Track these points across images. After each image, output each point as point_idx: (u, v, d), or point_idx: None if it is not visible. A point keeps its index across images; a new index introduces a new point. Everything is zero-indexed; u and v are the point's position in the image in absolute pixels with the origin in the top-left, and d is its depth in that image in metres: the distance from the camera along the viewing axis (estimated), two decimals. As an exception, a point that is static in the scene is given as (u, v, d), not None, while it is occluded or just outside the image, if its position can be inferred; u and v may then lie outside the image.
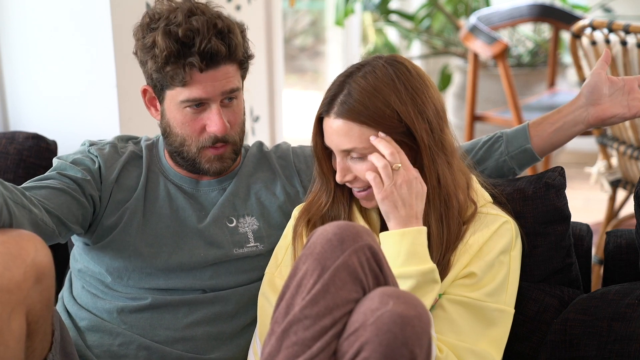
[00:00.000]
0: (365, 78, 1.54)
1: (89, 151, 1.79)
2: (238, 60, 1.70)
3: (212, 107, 1.70)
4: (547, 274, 1.73)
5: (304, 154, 1.88)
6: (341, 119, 1.54)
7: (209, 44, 1.64)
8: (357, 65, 1.58)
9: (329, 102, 1.57)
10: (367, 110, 1.53)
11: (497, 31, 3.74)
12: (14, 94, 2.37)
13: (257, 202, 1.81)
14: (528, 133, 1.77)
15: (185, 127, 1.71)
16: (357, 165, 1.58)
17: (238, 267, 1.76)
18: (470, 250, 1.57)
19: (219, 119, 1.69)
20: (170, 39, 1.64)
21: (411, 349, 1.25)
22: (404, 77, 1.54)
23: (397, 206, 1.53)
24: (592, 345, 1.62)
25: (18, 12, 2.30)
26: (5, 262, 1.32)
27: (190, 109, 1.70)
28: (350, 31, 4.70)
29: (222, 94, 1.69)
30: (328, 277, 1.32)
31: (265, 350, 1.33)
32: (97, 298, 1.76)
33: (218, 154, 1.74)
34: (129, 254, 1.73)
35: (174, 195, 1.79)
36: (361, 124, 1.54)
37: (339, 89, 1.56)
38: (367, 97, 1.53)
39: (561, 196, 1.74)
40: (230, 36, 1.67)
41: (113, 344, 1.71)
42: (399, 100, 1.53)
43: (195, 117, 1.70)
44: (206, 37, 1.63)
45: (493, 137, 1.82)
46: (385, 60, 1.57)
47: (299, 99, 5.58)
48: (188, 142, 1.73)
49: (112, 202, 1.75)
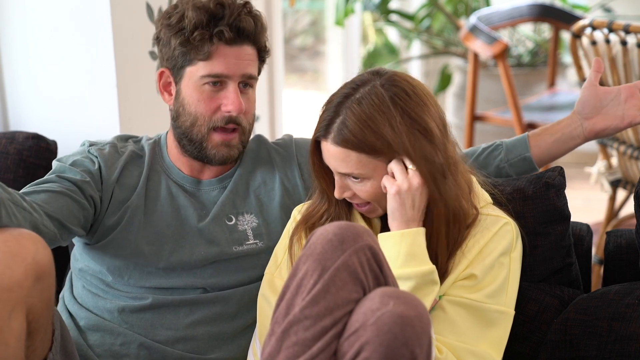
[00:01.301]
0: (360, 104, 1.51)
1: (89, 151, 1.79)
2: (260, 46, 1.74)
3: (229, 86, 1.71)
4: (547, 273, 1.73)
5: (307, 148, 1.87)
6: (339, 146, 1.53)
7: (239, 18, 1.69)
8: (353, 86, 1.55)
9: (325, 126, 1.55)
10: (361, 142, 1.51)
11: (497, 31, 3.74)
12: (14, 94, 2.36)
13: (256, 199, 1.81)
14: (528, 143, 1.78)
15: (201, 104, 1.72)
16: (356, 185, 1.57)
17: (238, 265, 1.76)
18: (471, 252, 1.57)
19: (235, 97, 1.71)
20: (200, 10, 1.69)
21: (411, 349, 1.25)
22: (402, 102, 1.51)
23: (406, 205, 1.53)
24: (592, 345, 1.62)
25: (18, 12, 2.30)
26: (6, 261, 1.32)
27: (209, 86, 1.71)
28: (350, 31, 4.70)
29: (242, 76, 1.72)
30: (328, 278, 1.32)
31: (266, 350, 1.33)
32: (98, 297, 1.76)
33: (227, 140, 1.74)
34: (130, 253, 1.73)
35: (176, 194, 1.79)
36: (359, 152, 1.53)
37: (335, 114, 1.54)
38: (361, 128, 1.51)
39: (561, 196, 1.74)
40: (258, 17, 1.73)
41: (114, 343, 1.71)
42: (393, 130, 1.50)
43: (212, 95, 1.71)
44: (236, 11, 1.69)
45: (492, 144, 1.83)
46: (383, 82, 1.53)
47: (299, 99, 5.57)
48: (200, 122, 1.72)
49: (114, 202, 1.75)
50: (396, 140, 1.51)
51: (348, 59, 4.73)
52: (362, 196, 1.58)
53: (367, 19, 4.88)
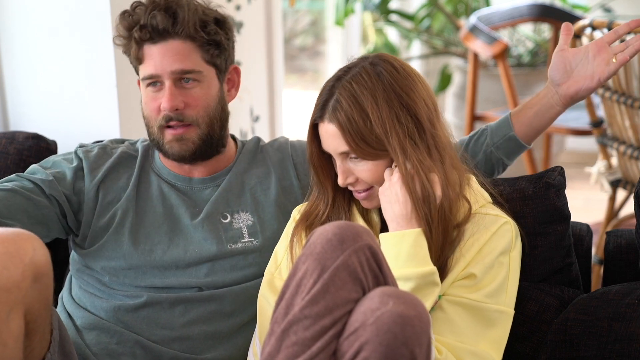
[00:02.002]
0: (350, 83, 1.54)
1: (75, 152, 1.82)
2: (191, 37, 1.72)
3: (165, 84, 1.73)
4: (547, 273, 1.73)
5: (302, 148, 1.88)
6: (335, 123, 1.55)
7: (152, 16, 1.70)
8: (344, 69, 1.59)
9: (321, 107, 1.57)
10: (353, 119, 1.53)
11: (497, 31, 3.73)
12: (14, 94, 2.37)
13: (252, 197, 1.82)
14: (510, 121, 1.78)
15: (147, 106, 1.77)
16: (357, 166, 1.58)
17: (233, 264, 1.76)
18: (470, 252, 1.57)
19: (167, 95, 1.72)
20: (125, 16, 1.74)
21: (411, 348, 1.25)
22: (389, 77, 1.54)
23: (391, 201, 1.54)
24: (592, 345, 1.62)
25: (18, 12, 2.30)
26: (4, 262, 1.32)
27: (150, 87, 1.75)
28: (350, 31, 4.70)
29: (173, 73, 1.72)
30: (328, 277, 1.32)
31: (265, 350, 1.33)
32: (95, 297, 1.77)
33: (177, 135, 1.75)
34: (123, 254, 1.74)
35: (167, 194, 1.80)
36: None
37: (329, 95, 1.56)
38: (349, 105, 1.53)
39: (561, 196, 1.74)
40: (177, 10, 1.72)
41: (110, 342, 1.72)
42: (376, 105, 1.52)
43: (154, 96, 1.75)
44: (149, 10, 1.71)
45: (478, 131, 1.83)
46: (370, 61, 1.57)
47: (299, 99, 5.57)
48: (151, 123, 1.77)
49: (101, 203, 1.77)
50: (375, 116, 1.52)
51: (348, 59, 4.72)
52: (364, 178, 1.58)
53: (367, 19, 4.88)
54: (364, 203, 1.63)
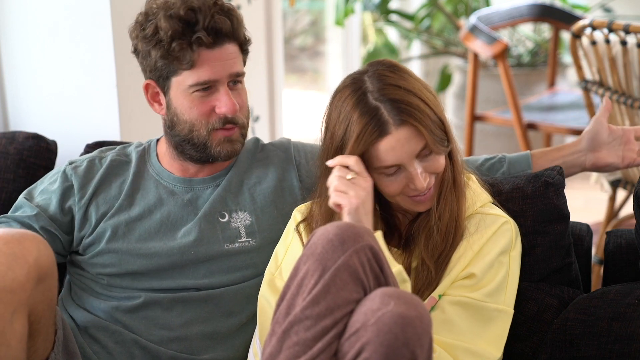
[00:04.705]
0: (383, 80, 1.51)
1: (64, 171, 1.81)
2: (240, 41, 1.72)
3: (220, 89, 1.70)
4: (546, 273, 1.73)
5: (305, 150, 1.88)
6: (405, 124, 1.49)
7: (213, 19, 1.65)
8: (357, 86, 1.53)
9: (377, 124, 1.49)
10: (417, 109, 1.50)
11: (497, 31, 3.73)
12: (14, 94, 2.37)
13: (250, 197, 1.81)
14: (531, 161, 1.82)
15: (193, 110, 1.71)
16: (430, 162, 1.54)
17: (231, 264, 1.76)
18: (470, 251, 1.57)
19: (228, 99, 1.70)
20: (173, 20, 1.65)
21: (412, 349, 1.25)
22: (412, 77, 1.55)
23: (361, 215, 1.50)
24: (592, 345, 1.62)
25: (18, 12, 2.30)
26: (8, 263, 1.32)
27: (199, 92, 1.70)
28: (350, 31, 4.70)
29: (230, 76, 1.70)
30: (329, 278, 1.32)
31: (266, 350, 1.33)
32: (93, 298, 1.77)
33: (228, 136, 1.74)
34: (120, 259, 1.75)
35: (165, 196, 1.79)
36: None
37: (375, 109, 1.49)
38: (404, 95, 1.50)
39: (560, 195, 1.74)
40: (232, 13, 1.69)
41: (109, 342, 1.72)
42: (422, 86, 1.54)
43: (203, 100, 1.71)
44: (209, 13, 1.65)
45: (495, 157, 1.85)
46: (387, 67, 1.54)
47: (299, 99, 5.57)
48: (197, 127, 1.72)
49: (95, 216, 1.77)
50: (429, 99, 1.52)
51: (348, 59, 4.73)
52: (437, 170, 1.54)
53: (367, 19, 4.87)
54: (423, 205, 1.57)
